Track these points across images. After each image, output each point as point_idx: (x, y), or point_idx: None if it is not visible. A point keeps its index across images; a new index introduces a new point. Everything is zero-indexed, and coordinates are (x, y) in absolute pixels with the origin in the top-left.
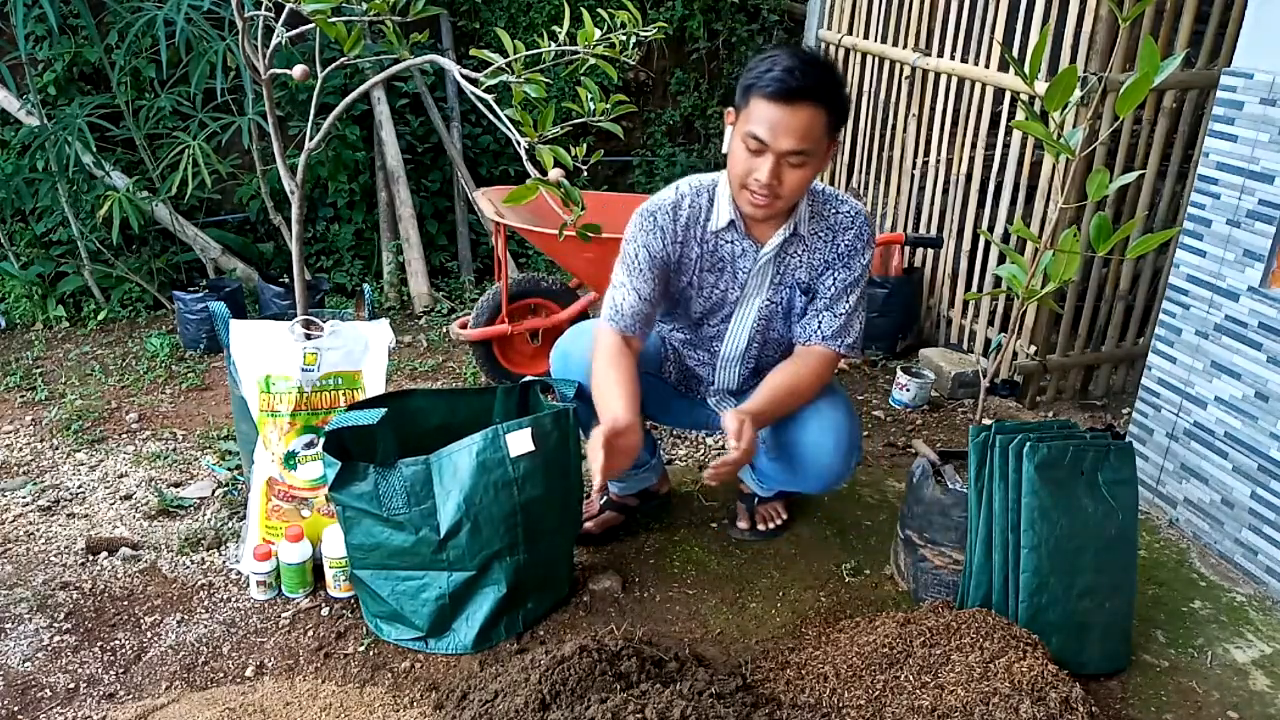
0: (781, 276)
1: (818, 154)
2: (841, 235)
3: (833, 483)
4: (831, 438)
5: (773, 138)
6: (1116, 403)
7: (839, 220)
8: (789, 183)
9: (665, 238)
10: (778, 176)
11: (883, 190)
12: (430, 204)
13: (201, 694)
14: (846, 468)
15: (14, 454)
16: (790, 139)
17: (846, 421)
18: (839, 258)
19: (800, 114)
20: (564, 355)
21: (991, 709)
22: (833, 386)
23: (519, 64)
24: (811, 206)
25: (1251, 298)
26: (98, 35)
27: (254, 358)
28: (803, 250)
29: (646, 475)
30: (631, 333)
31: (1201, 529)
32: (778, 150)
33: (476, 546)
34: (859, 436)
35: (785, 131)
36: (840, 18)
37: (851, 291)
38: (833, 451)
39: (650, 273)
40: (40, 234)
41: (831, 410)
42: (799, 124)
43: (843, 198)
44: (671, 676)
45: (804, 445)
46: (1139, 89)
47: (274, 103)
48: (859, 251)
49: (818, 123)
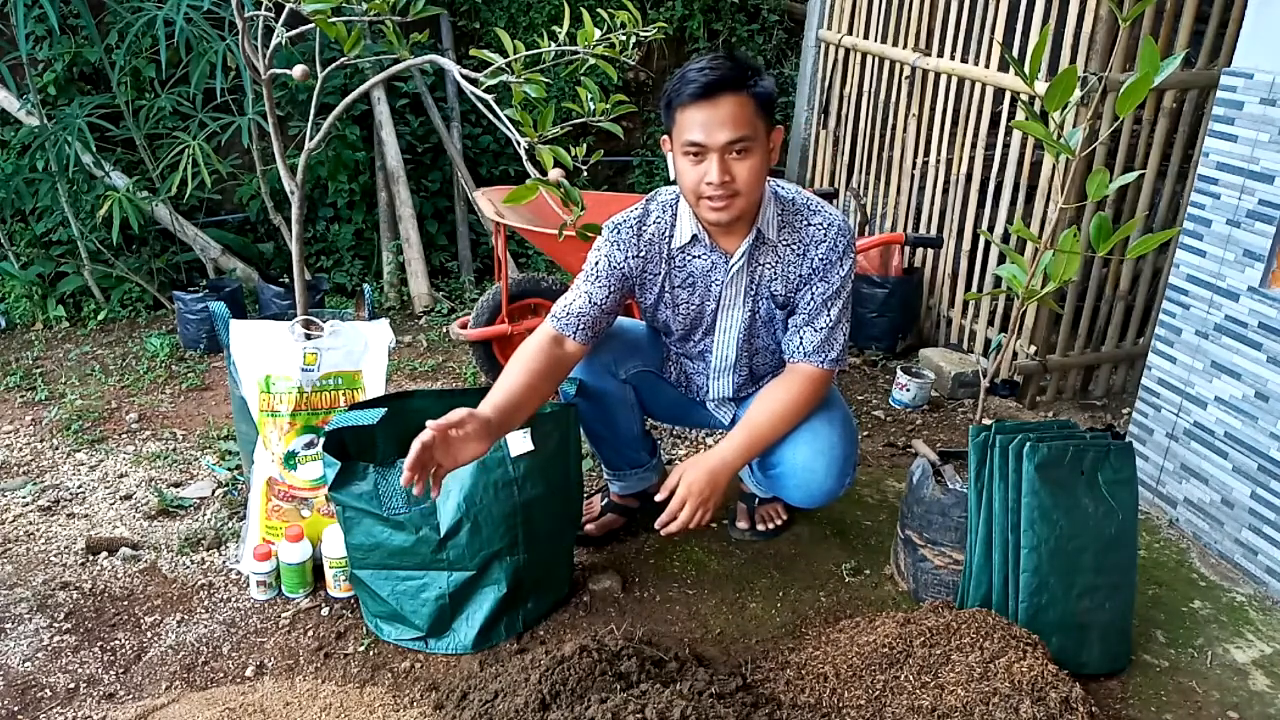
0: (756, 287)
1: (758, 140)
2: (814, 249)
3: (825, 503)
4: (823, 461)
5: (708, 135)
6: (1116, 403)
7: (810, 233)
8: (740, 176)
9: (627, 251)
10: (727, 172)
11: (883, 190)
12: (430, 204)
13: (201, 694)
14: (839, 488)
15: (14, 454)
16: (725, 130)
17: (840, 443)
18: (814, 272)
19: (724, 105)
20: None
21: (991, 709)
22: (831, 399)
23: (519, 64)
24: (781, 215)
25: (1251, 298)
26: (98, 35)
27: (254, 358)
28: (774, 259)
29: (646, 476)
30: (568, 334)
31: (1201, 529)
32: (716, 145)
33: (476, 546)
34: (854, 455)
35: (717, 125)
36: (840, 18)
37: (832, 305)
38: (824, 476)
39: (608, 281)
40: (40, 234)
41: (826, 429)
42: (727, 114)
43: (815, 207)
44: (671, 676)
45: (795, 468)
46: (1139, 89)
47: (274, 103)
48: (834, 264)
49: (745, 109)
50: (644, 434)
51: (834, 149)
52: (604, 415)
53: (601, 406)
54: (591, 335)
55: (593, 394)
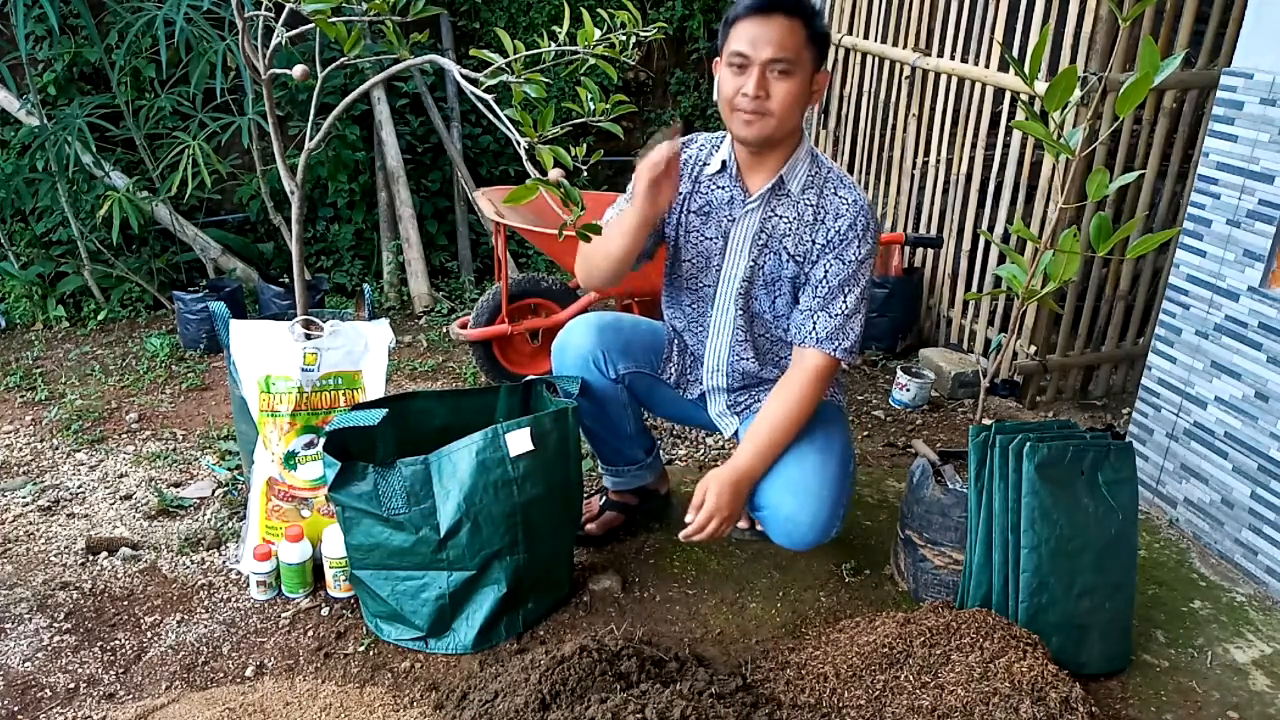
0: (767, 238)
1: (801, 67)
2: (833, 220)
3: (808, 548)
4: (808, 515)
5: (754, 48)
6: (1116, 403)
7: (835, 204)
8: (776, 95)
9: None
10: (764, 88)
11: (883, 190)
12: (430, 204)
13: (201, 694)
14: (823, 538)
15: (14, 454)
16: (770, 48)
17: (830, 491)
18: (829, 244)
19: (776, 24)
20: (561, 349)
21: (991, 709)
22: (831, 433)
23: (519, 64)
24: (811, 176)
25: (1251, 298)
26: (98, 35)
27: (254, 358)
28: (792, 215)
29: (640, 473)
30: None
31: (1201, 529)
32: (760, 60)
33: (476, 546)
34: (843, 501)
35: (765, 41)
36: (840, 18)
37: (849, 291)
38: (807, 529)
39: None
40: (40, 234)
41: (817, 475)
42: (776, 33)
43: (848, 184)
44: (671, 676)
45: (779, 517)
46: (1139, 89)
47: (274, 103)
48: (851, 242)
49: (795, 33)
50: (641, 432)
51: (834, 149)
52: (596, 412)
53: (594, 403)
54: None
55: (585, 390)
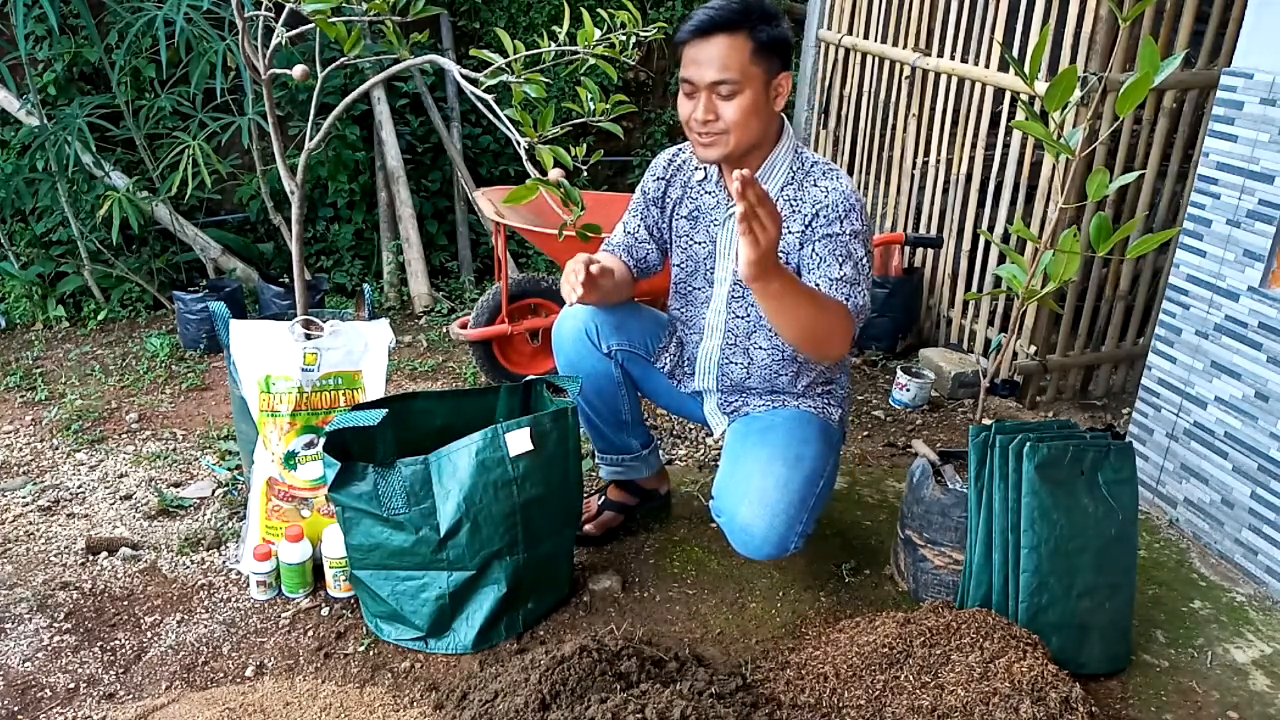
0: None
1: (749, 82)
2: (810, 207)
3: (765, 560)
4: (763, 525)
5: (696, 73)
6: (1116, 403)
7: (814, 193)
8: (726, 115)
9: (655, 173)
10: (712, 111)
11: (883, 190)
12: (430, 204)
13: (201, 694)
14: (779, 553)
15: (14, 454)
16: (710, 69)
17: (789, 507)
18: (810, 228)
19: (716, 44)
20: (560, 321)
21: (991, 709)
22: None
23: (519, 64)
24: (793, 174)
25: (1251, 298)
26: (98, 35)
27: (254, 358)
28: None
29: (635, 465)
30: (617, 254)
31: (1201, 529)
32: (703, 84)
33: (476, 546)
34: (803, 519)
35: (707, 63)
36: (840, 18)
37: (843, 261)
38: (760, 541)
39: (639, 208)
40: (40, 234)
41: (779, 490)
42: (718, 53)
43: (833, 174)
44: (671, 676)
45: (734, 525)
46: (1139, 89)
47: (274, 103)
48: (833, 221)
49: (738, 49)
50: (638, 422)
51: (834, 149)
52: (591, 386)
53: (588, 377)
54: (631, 261)
55: (580, 364)
